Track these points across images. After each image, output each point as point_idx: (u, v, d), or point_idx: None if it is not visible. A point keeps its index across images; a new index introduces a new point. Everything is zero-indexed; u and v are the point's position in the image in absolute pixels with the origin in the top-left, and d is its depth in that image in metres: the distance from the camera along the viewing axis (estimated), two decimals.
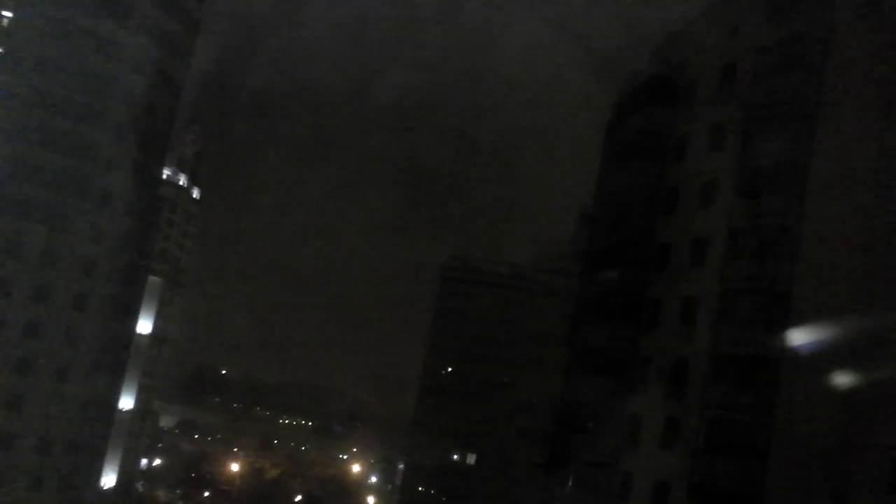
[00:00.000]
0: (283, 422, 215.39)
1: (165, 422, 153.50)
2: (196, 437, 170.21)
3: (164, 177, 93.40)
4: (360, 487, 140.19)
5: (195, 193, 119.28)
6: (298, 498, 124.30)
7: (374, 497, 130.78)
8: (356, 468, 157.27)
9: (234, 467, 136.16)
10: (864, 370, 36.65)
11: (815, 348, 37.22)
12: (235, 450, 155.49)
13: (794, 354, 37.71)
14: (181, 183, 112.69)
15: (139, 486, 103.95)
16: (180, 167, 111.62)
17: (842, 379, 36.89)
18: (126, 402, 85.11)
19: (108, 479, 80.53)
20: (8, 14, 61.59)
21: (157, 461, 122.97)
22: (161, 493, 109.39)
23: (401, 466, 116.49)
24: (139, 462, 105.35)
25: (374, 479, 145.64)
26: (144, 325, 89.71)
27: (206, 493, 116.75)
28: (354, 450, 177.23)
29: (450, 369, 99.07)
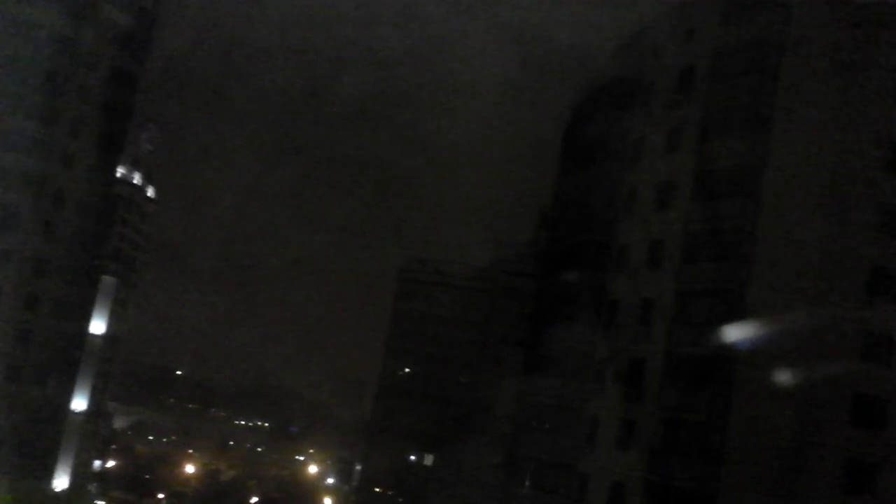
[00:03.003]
0: (239, 423, 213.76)
1: (119, 423, 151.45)
2: (151, 438, 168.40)
3: (119, 175, 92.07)
4: (316, 489, 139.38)
5: (150, 192, 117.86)
6: (254, 500, 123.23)
7: (331, 498, 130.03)
8: (313, 469, 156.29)
9: (190, 469, 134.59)
10: (817, 371, 37.19)
11: (770, 349, 37.66)
12: (191, 451, 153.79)
13: (749, 355, 38.12)
14: (136, 181, 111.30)
15: (92, 488, 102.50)
16: (135, 165, 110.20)
17: (796, 379, 37.39)
18: (79, 403, 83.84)
19: (61, 481, 79.32)
20: None
21: (111, 463, 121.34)
22: (115, 495, 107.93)
23: (358, 467, 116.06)
24: (92, 464, 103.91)
25: (330, 481, 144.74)
26: (98, 326, 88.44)
27: (161, 495, 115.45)
28: (311, 451, 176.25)
29: (407, 370, 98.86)
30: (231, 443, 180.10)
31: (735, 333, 38.66)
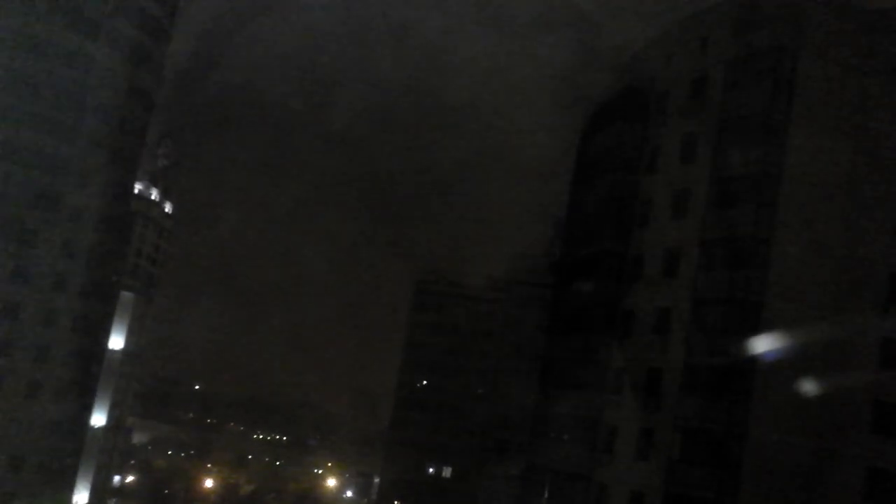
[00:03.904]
0: (257, 437, 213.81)
1: (138, 438, 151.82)
2: (170, 453, 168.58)
3: (136, 191, 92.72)
4: (335, 502, 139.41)
5: (167, 208, 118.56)
6: None
7: None
8: (331, 482, 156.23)
9: (209, 483, 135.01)
10: (836, 379, 37.02)
11: (788, 357, 37.53)
12: (209, 466, 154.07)
13: (766, 364, 37.99)
14: (153, 197, 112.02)
15: (112, 503, 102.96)
16: (152, 181, 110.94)
17: (814, 388, 37.23)
18: (98, 419, 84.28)
19: (81, 497, 79.65)
20: None
21: (131, 478, 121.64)
22: None
23: (376, 480, 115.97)
24: (112, 479, 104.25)
25: (349, 494, 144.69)
26: (117, 341, 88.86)
27: None
28: (329, 464, 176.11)
29: (424, 382, 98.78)
30: (249, 457, 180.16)
31: (753, 342, 38.54)
